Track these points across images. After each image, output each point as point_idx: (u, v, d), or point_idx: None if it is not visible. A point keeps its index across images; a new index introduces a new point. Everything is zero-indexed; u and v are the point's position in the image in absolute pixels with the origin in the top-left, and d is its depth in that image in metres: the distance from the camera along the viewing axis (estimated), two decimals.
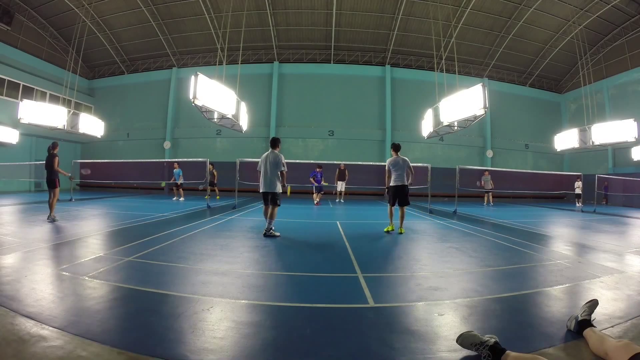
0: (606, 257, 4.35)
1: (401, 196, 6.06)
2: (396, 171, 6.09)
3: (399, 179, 6.07)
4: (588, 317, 2.02)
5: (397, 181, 6.08)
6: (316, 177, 12.86)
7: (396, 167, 6.10)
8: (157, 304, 2.42)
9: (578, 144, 12.19)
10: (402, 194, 6.06)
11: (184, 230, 5.74)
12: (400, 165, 6.08)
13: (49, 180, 6.66)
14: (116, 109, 19.38)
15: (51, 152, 6.73)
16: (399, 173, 6.07)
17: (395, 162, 6.12)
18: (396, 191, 6.09)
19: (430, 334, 2.05)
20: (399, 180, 6.06)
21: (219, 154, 17.48)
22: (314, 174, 12.89)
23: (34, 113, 10.66)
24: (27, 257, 3.61)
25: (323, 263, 3.94)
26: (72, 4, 15.39)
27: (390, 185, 6.20)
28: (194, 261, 3.70)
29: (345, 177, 13.81)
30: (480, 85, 8.51)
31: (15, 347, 1.70)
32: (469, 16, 16.06)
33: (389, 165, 6.19)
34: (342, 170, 13.79)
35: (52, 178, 6.65)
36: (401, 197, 6.06)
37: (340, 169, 13.81)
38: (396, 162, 6.13)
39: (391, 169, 6.15)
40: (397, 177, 6.08)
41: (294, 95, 18.43)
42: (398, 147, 6.30)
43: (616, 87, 17.27)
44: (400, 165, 6.08)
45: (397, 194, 6.08)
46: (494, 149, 18.88)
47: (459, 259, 4.11)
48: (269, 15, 16.63)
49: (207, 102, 8.46)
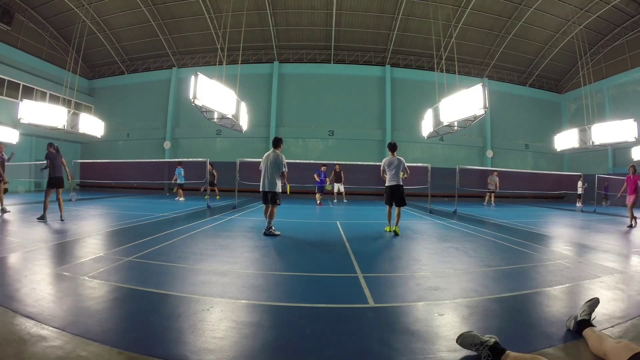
0: (606, 257, 4.35)
1: (397, 196, 5.94)
2: (391, 171, 6.02)
3: (394, 178, 5.98)
4: (588, 317, 2.02)
5: (392, 181, 5.99)
6: (320, 176, 13.00)
7: (391, 167, 6.01)
8: (157, 304, 2.42)
9: (578, 144, 12.20)
10: (398, 194, 5.94)
11: (184, 230, 5.74)
12: (395, 165, 5.99)
13: (62, 179, 6.73)
14: (116, 109, 19.39)
15: (58, 151, 6.77)
16: (393, 173, 5.99)
17: (391, 162, 6.04)
18: (392, 191, 5.99)
19: (430, 334, 2.05)
20: (394, 180, 5.97)
21: (219, 154, 17.47)
22: (318, 172, 13.07)
23: (34, 113, 10.67)
24: (27, 257, 3.61)
25: (323, 263, 3.93)
26: (72, 4, 15.40)
27: (385, 185, 6.10)
28: (194, 261, 3.70)
29: (342, 178, 13.82)
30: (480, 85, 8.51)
31: (15, 347, 1.70)
32: (469, 16, 16.06)
33: (384, 165, 6.12)
34: (337, 172, 13.78)
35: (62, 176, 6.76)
36: (397, 197, 5.94)
37: (336, 170, 13.80)
38: (391, 161, 6.04)
39: (386, 168, 6.08)
40: (393, 177, 5.99)
41: (294, 95, 18.43)
42: (394, 146, 6.25)
43: (616, 87, 17.27)
44: (395, 164, 5.99)
45: (394, 194, 5.97)
46: (494, 149, 18.88)
47: (459, 259, 4.11)
48: (269, 15, 16.63)
49: (207, 102, 8.46)
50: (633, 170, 8.23)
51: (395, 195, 5.96)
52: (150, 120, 19.09)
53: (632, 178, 8.18)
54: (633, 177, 8.16)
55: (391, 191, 6.00)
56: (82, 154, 19.16)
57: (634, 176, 8.14)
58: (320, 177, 13.01)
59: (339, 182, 13.79)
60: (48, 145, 6.72)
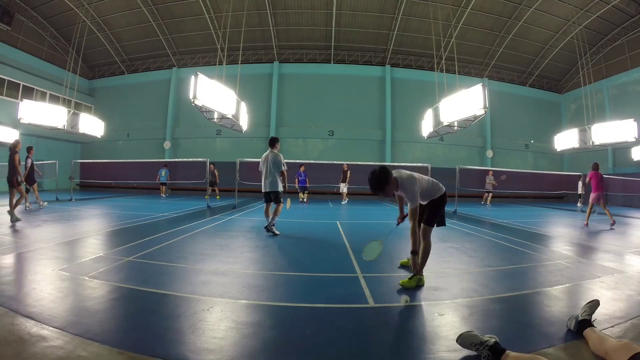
0: (606, 257, 4.35)
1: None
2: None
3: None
4: (588, 317, 2.02)
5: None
6: (300, 177, 13.28)
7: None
8: (157, 304, 2.42)
9: (578, 144, 12.20)
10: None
11: (184, 230, 5.74)
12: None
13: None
14: (116, 109, 19.38)
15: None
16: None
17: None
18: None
19: (430, 334, 2.05)
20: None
21: (219, 154, 17.47)
22: (298, 173, 13.30)
23: (34, 113, 10.66)
24: (27, 257, 3.61)
25: (323, 263, 3.94)
26: (72, 4, 15.39)
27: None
28: (194, 261, 3.70)
29: (347, 178, 13.84)
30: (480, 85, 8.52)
31: (15, 347, 1.70)
32: (469, 16, 16.05)
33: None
34: (344, 171, 13.83)
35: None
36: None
37: (344, 169, 13.85)
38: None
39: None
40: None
41: (294, 95, 18.43)
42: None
43: (616, 87, 17.26)
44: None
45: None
46: (494, 149, 18.88)
47: (459, 259, 4.11)
48: (269, 15, 16.62)
49: (207, 102, 8.47)
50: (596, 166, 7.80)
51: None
52: (150, 120, 19.08)
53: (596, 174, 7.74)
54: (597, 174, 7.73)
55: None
56: (82, 154, 19.16)
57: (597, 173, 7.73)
58: (301, 177, 13.31)
59: (344, 181, 13.84)
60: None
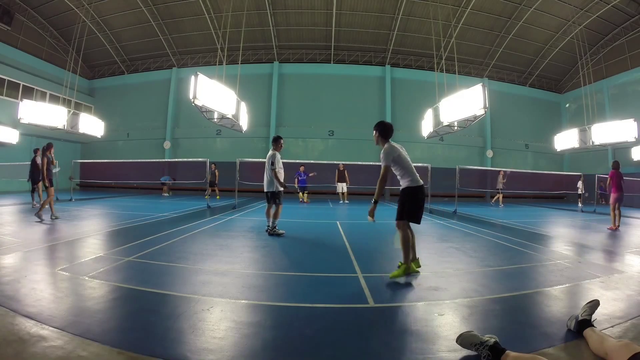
0: (606, 257, 4.35)
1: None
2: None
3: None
4: (588, 317, 2.02)
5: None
6: (300, 177, 13.26)
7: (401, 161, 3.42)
8: (157, 304, 2.42)
9: (578, 144, 12.21)
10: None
11: (184, 230, 5.74)
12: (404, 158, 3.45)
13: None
14: (116, 109, 19.38)
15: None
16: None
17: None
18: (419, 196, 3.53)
19: (430, 334, 2.05)
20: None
21: (219, 154, 17.46)
22: (298, 173, 13.30)
23: (34, 113, 10.68)
24: (27, 257, 3.61)
25: (323, 263, 3.94)
26: (72, 4, 15.39)
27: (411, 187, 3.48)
28: (194, 261, 3.70)
29: (346, 178, 13.78)
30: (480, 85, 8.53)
31: (15, 347, 1.70)
32: (469, 16, 16.05)
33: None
34: (341, 171, 13.75)
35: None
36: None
37: (340, 169, 13.76)
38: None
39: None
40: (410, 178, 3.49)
41: (294, 95, 18.42)
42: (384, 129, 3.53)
43: (616, 87, 17.26)
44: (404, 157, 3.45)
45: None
46: (494, 149, 18.88)
47: (459, 259, 4.11)
48: (269, 15, 16.62)
49: (207, 102, 8.47)
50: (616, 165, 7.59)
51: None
52: (150, 120, 19.08)
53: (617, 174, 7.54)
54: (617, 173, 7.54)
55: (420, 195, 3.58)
56: (82, 154, 19.15)
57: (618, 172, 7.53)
58: (301, 177, 13.29)
59: (342, 181, 13.77)
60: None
